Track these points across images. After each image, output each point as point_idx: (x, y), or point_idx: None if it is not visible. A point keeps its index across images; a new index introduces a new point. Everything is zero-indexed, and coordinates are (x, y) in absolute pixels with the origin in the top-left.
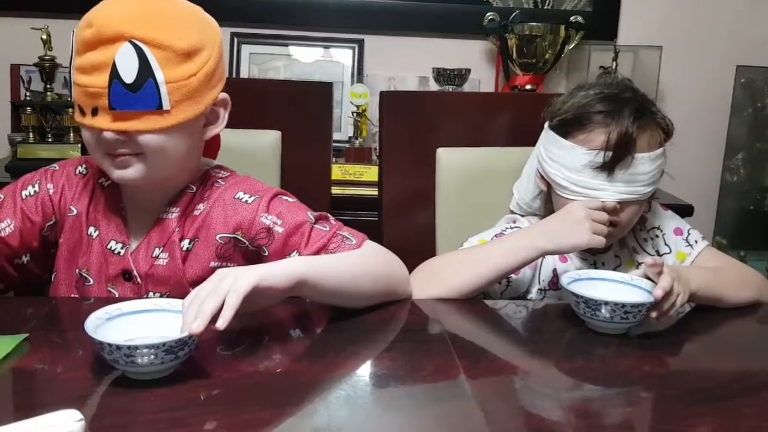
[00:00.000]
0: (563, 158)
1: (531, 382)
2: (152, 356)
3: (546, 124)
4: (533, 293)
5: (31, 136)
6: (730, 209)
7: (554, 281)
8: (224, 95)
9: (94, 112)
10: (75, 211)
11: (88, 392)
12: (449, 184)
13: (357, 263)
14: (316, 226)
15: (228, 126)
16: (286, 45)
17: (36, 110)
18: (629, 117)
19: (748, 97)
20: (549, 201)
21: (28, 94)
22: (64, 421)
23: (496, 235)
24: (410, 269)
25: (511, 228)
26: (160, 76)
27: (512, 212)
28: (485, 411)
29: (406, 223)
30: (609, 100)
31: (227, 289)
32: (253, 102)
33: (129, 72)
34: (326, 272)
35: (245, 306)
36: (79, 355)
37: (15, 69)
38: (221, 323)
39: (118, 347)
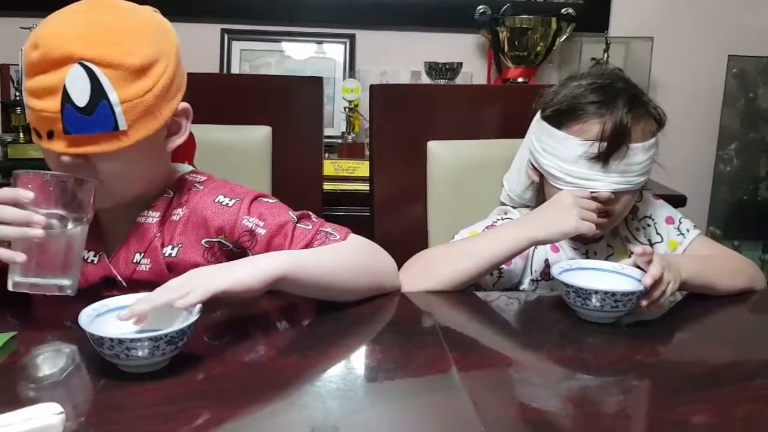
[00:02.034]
0: (557, 149)
1: (522, 373)
2: (155, 347)
3: (538, 115)
4: (525, 284)
5: (21, 136)
6: (723, 199)
7: (546, 271)
8: (184, 105)
9: (50, 135)
10: None
11: (77, 388)
12: (441, 178)
13: (340, 257)
14: (298, 225)
15: (218, 122)
16: (278, 41)
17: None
18: (623, 107)
19: (740, 87)
20: (541, 192)
21: (17, 93)
22: (44, 414)
23: (487, 227)
24: (403, 263)
25: (502, 219)
26: (113, 96)
27: (503, 204)
28: (476, 402)
29: (398, 218)
30: (602, 91)
31: (198, 286)
32: (242, 98)
33: (81, 95)
34: (306, 267)
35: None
36: (68, 351)
37: (4, 69)
38: (181, 303)
39: (120, 341)
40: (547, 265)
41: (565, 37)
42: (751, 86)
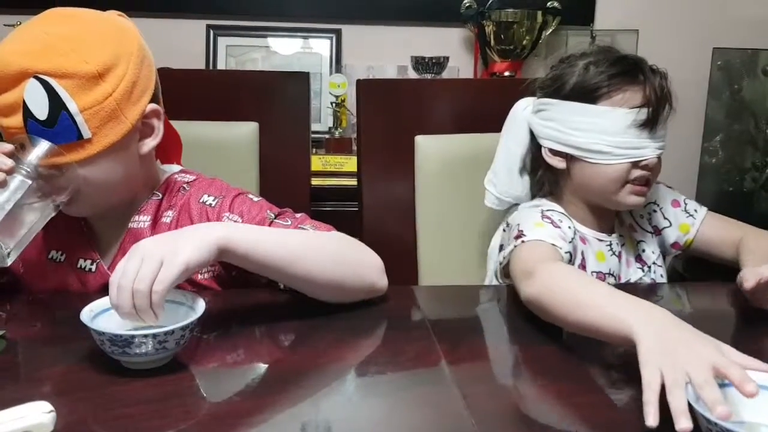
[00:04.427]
0: (599, 124)
1: (511, 366)
2: (161, 343)
3: (542, 101)
4: None
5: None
6: (709, 191)
7: (583, 264)
8: (153, 106)
9: (23, 148)
10: None
11: (68, 387)
12: (428, 172)
13: (309, 241)
14: (276, 220)
15: (204, 118)
16: (264, 36)
17: None
18: (651, 72)
19: (725, 79)
20: (556, 182)
21: None
22: (35, 413)
23: (542, 218)
24: (391, 259)
25: (545, 210)
26: (72, 106)
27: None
28: (465, 395)
29: (386, 213)
30: (624, 60)
31: (152, 275)
32: (228, 93)
33: (40, 108)
34: (261, 241)
35: None
36: (57, 350)
37: None
38: (153, 322)
39: (128, 338)
40: (583, 257)
41: (550, 30)
42: (736, 78)
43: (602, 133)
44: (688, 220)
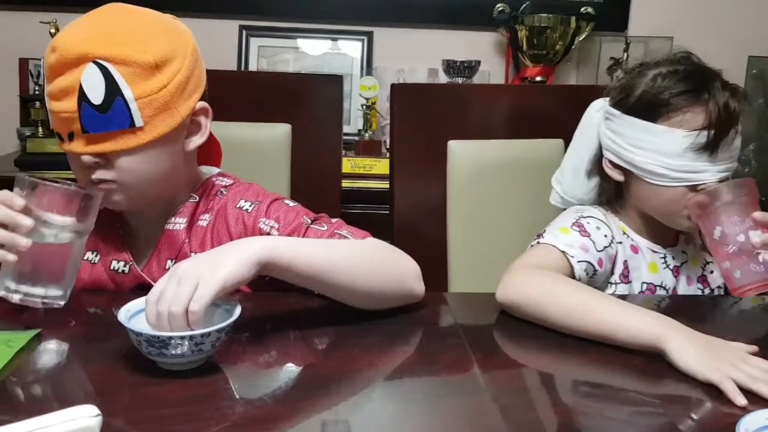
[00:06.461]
0: (656, 144)
1: (548, 377)
2: (197, 345)
3: (603, 110)
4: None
5: (40, 130)
6: None
7: (625, 273)
8: (203, 104)
9: (71, 137)
10: None
11: (103, 386)
12: (461, 177)
13: (348, 249)
14: (312, 226)
15: (238, 119)
16: (295, 38)
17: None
18: (722, 90)
19: (759, 88)
20: (616, 191)
21: (36, 88)
22: (81, 416)
23: (573, 224)
24: (422, 262)
25: (584, 217)
26: (128, 93)
27: (577, 207)
28: (500, 405)
29: (417, 216)
30: (694, 77)
31: (188, 296)
32: (263, 95)
33: (96, 93)
34: (302, 253)
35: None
36: (91, 349)
37: (23, 63)
38: (194, 318)
39: (165, 339)
40: (626, 267)
41: (584, 36)
42: None
43: (659, 153)
44: None
